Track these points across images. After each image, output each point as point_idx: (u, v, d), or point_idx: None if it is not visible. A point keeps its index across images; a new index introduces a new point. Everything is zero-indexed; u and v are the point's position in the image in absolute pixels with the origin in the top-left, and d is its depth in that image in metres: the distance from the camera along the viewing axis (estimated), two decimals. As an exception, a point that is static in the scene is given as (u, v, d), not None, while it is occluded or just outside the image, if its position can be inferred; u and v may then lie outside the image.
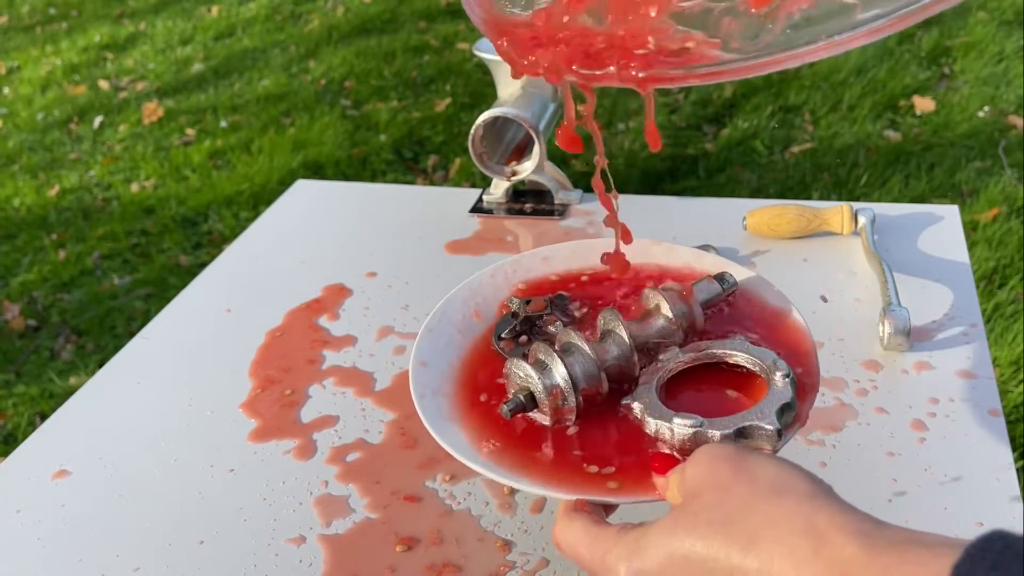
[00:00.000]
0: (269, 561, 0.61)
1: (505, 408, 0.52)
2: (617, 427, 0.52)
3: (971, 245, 1.96)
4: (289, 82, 3.33)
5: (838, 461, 0.65)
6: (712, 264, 0.63)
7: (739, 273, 0.61)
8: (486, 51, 1.01)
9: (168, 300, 0.93)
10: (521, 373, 0.52)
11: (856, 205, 0.92)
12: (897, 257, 0.87)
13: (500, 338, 0.60)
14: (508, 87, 1.03)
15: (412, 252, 0.97)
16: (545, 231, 0.99)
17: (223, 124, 3.08)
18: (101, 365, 0.83)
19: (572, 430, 0.52)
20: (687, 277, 0.62)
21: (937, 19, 3.14)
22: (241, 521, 0.65)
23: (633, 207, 1.03)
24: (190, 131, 3.07)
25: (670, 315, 0.55)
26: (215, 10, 4.19)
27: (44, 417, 1.28)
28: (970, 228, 2.04)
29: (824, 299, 0.79)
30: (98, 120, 3.25)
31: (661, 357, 0.54)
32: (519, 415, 0.53)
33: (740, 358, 0.53)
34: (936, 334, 0.77)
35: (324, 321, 0.86)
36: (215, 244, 2.42)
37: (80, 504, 0.67)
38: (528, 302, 0.61)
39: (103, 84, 3.57)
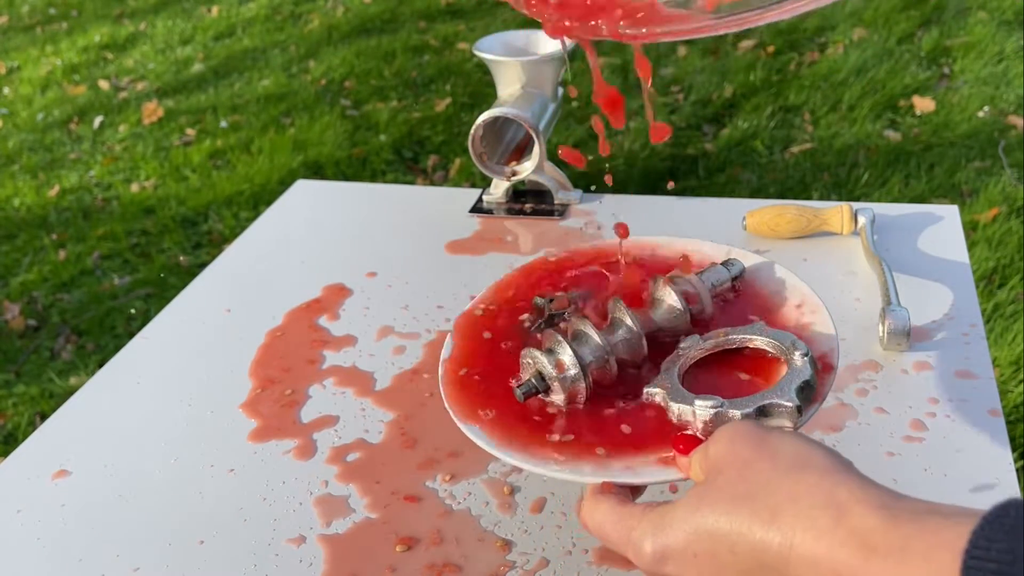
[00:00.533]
0: (269, 561, 0.61)
1: (519, 391, 0.54)
2: (631, 409, 0.54)
3: (971, 245, 1.96)
4: (289, 82, 3.33)
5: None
6: (719, 252, 0.65)
7: (748, 260, 0.63)
8: (486, 51, 1.02)
9: (168, 300, 0.93)
10: (531, 360, 0.55)
11: (856, 205, 0.92)
12: (897, 257, 0.87)
13: (527, 334, 0.62)
14: (508, 87, 1.03)
15: (412, 252, 0.97)
16: (545, 231, 0.99)
17: (223, 124, 3.08)
18: (101, 365, 0.83)
19: (583, 407, 0.54)
20: (695, 265, 0.64)
21: (937, 19, 3.15)
22: (241, 521, 0.65)
23: (633, 207, 1.03)
24: (190, 131, 3.08)
25: (676, 302, 0.57)
26: (215, 10, 4.19)
27: (44, 417, 1.28)
28: (970, 228, 2.04)
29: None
30: (98, 120, 3.25)
31: (682, 345, 0.55)
32: (533, 397, 0.55)
33: (760, 342, 0.54)
34: (936, 334, 0.77)
35: (324, 321, 0.86)
36: (215, 244, 2.42)
37: (80, 504, 0.67)
38: (552, 300, 0.64)
39: (103, 84, 3.57)
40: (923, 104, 2.62)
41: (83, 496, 0.68)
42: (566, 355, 0.53)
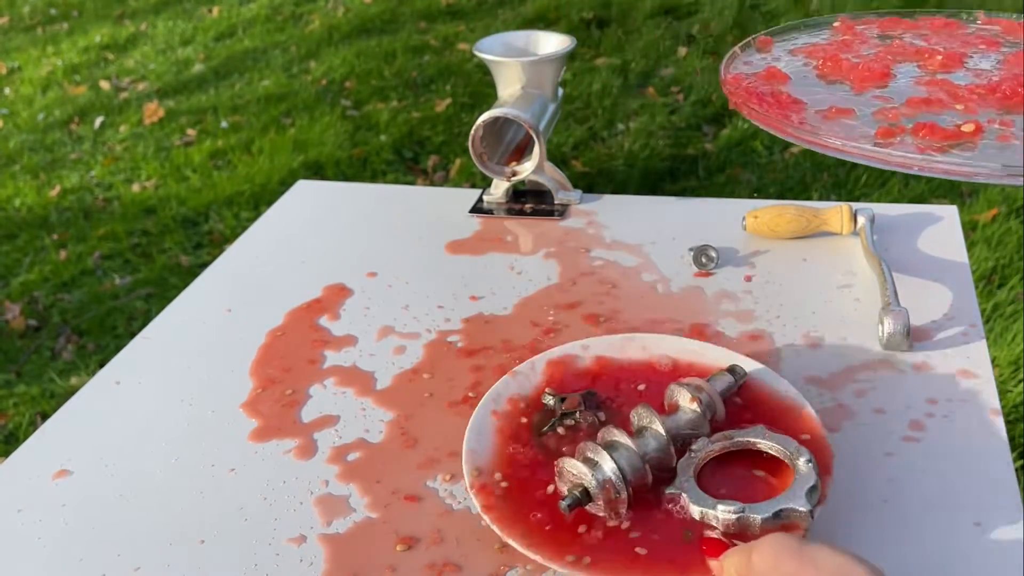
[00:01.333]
0: (270, 561, 0.61)
1: (563, 504, 0.57)
2: (665, 515, 0.57)
3: (970, 245, 1.96)
4: (290, 82, 3.34)
5: (836, 461, 0.65)
6: (719, 356, 0.70)
7: (746, 364, 0.68)
8: (487, 51, 1.02)
9: (169, 300, 0.93)
10: (574, 471, 0.57)
11: (855, 205, 0.92)
12: (896, 257, 0.88)
13: (541, 433, 0.66)
14: (508, 87, 1.03)
15: (412, 252, 0.97)
16: (545, 231, 0.99)
17: (224, 124, 3.08)
18: (102, 365, 0.83)
19: (625, 524, 0.57)
20: (699, 370, 0.68)
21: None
22: (242, 521, 0.65)
23: (633, 207, 1.03)
24: (191, 131, 3.08)
25: (698, 408, 0.61)
26: (216, 10, 4.19)
27: (45, 417, 1.28)
28: (969, 228, 2.04)
29: None
30: (99, 120, 3.25)
31: (693, 448, 0.60)
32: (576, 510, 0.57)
33: (763, 445, 0.59)
34: (935, 334, 0.77)
35: (325, 321, 0.87)
36: (216, 244, 2.43)
37: (81, 504, 0.68)
38: (563, 399, 0.67)
39: (104, 84, 3.57)
40: (923, 104, 2.62)
41: (84, 496, 0.68)
42: (610, 470, 0.56)
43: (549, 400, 0.68)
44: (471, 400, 0.74)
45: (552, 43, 1.05)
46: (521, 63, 1.01)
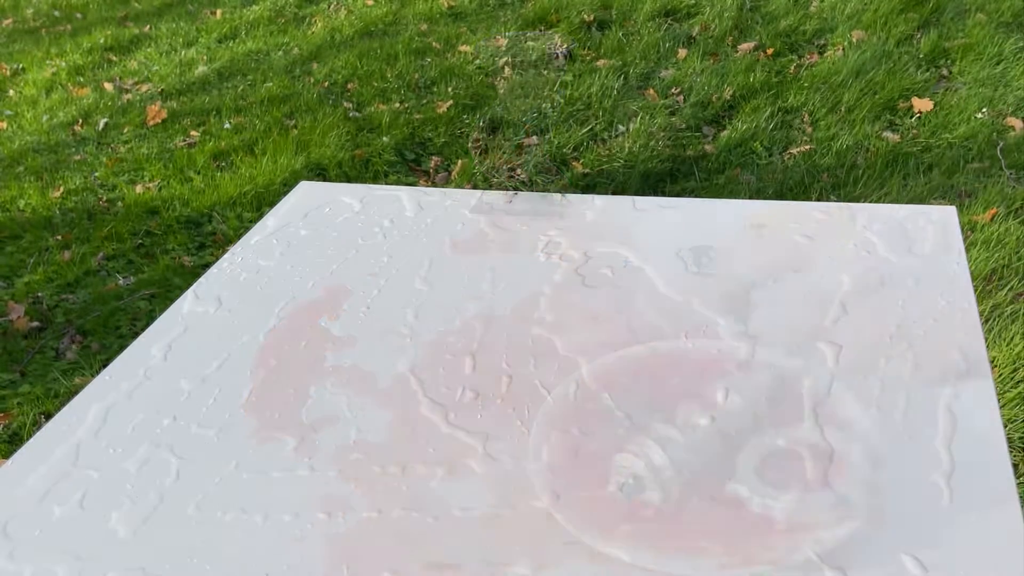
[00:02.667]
0: (270, 560, 0.62)
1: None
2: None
3: (969, 246, 1.97)
4: (292, 84, 3.34)
5: (833, 464, 0.66)
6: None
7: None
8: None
9: (172, 300, 0.94)
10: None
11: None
12: (895, 257, 0.88)
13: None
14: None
15: (413, 252, 0.98)
16: (545, 231, 1.00)
17: (227, 126, 3.09)
18: (105, 365, 0.84)
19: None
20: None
21: (935, 20, 3.15)
22: (242, 521, 0.66)
23: (633, 208, 1.04)
24: (194, 133, 3.09)
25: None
26: (218, 12, 4.20)
27: (48, 417, 1.28)
28: (968, 229, 2.04)
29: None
30: (102, 122, 3.26)
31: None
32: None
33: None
34: (934, 334, 0.78)
35: (325, 321, 0.87)
36: (219, 245, 2.44)
37: (82, 503, 0.68)
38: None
39: (107, 86, 3.58)
40: (922, 105, 2.63)
41: (85, 495, 0.69)
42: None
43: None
44: (471, 400, 0.75)
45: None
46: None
